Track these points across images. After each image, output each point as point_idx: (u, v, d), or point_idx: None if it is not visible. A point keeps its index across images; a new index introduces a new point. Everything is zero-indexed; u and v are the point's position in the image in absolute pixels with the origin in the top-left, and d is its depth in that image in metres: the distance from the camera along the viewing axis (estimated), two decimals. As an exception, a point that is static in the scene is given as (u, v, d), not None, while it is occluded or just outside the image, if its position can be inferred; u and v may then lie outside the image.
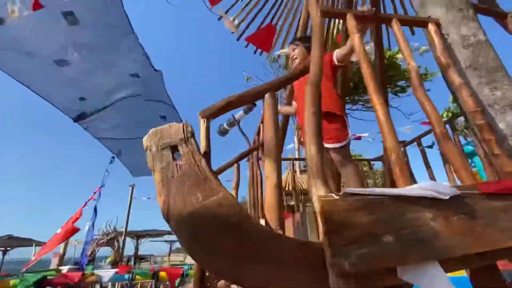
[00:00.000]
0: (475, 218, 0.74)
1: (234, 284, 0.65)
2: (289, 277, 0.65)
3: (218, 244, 0.63)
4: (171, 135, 0.76)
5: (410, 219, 0.69)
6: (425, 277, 0.65)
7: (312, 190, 0.75)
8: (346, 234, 0.64)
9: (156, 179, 0.71)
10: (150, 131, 0.77)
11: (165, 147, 0.74)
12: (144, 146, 0.76)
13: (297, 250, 0.68)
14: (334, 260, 0.61)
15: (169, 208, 0.67)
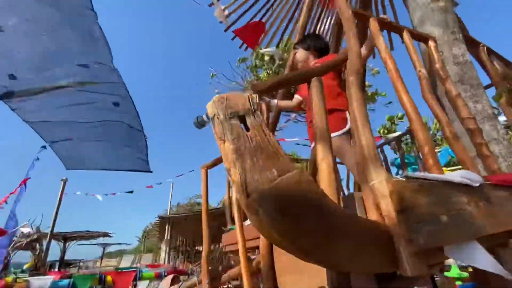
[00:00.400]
0: (492, 204, 0.86)
1: (316, 263, 0.61)
2: (368, 254, 0.65)
3: (303, 221, 0.59)
4: (238, 105, 0.69)
5: (455, 202, 0.77)
6: (468, 254, 0.73)
7: (371, 174, 0.76)
8: (415, 213, 0.68)
9: (226, 150, 0.63)
10: (215, 97, 0.68)
11: (233, 116, 0.66)
12: (210, 113, 0.68)
13: (369, 228, 0.68)
14: (409, 237, 0.64)
15: (247, 182, 0.60)
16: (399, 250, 0.65)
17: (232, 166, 0.62)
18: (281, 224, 0.58)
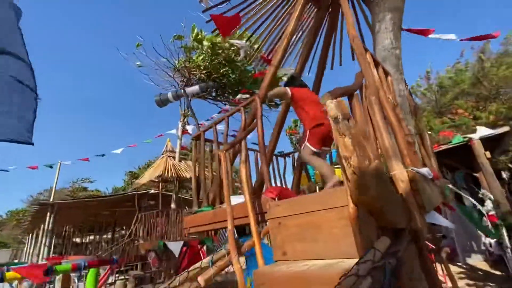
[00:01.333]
0: (433, 188, 1.45)
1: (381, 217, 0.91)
2: (399, 215, 1.04)
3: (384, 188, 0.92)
4: (344, 109, 0.93)
5: (429, 188, 1.29)
6: (432, 216, 1.25)
7: (394, 166, 1.16)
8: (424, 195, 1.13)
9: (347, 143, 0.87)
10: (334, 102, 0.90)
11: (347, 118, 0.91)
12: (332, 115, 0.89)
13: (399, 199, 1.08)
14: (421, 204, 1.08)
15: (360, 167, 0.86)
16: (413, 212, 1.08)
17: (352, 155, 0.87)
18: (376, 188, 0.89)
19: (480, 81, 10.81)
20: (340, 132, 0.89)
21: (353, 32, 1.62)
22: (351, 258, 1.27)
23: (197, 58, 7.76)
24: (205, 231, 2.61)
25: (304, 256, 1.47)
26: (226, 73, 7.81)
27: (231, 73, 7.86)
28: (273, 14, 3.09)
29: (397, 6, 2.04)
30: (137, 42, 7.46)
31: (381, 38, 2.09)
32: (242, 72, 7.66)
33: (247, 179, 1.66)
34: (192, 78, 8.22)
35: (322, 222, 1.44)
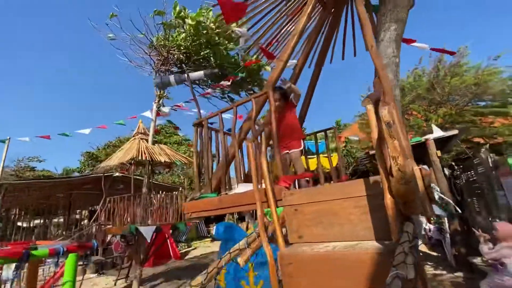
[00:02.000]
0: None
1: (404, 208, 1.11)
2: (416, 205, 1.26)
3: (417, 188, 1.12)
4: (394, 116, 1.09)
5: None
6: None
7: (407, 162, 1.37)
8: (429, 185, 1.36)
9: (395, 145, 1.04)
10: (387, 109, 1.05)
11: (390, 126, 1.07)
12: (386, 120, 1.04)
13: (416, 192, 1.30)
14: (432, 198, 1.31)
15: (404, 165, 1.04)
16: (425, 203, 1.31)
17: (400, 155, 1.04)
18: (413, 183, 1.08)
19: (434, 87, 12.14)
20: (391, 135, 1.05)
21: (371, 41, 1.78)
22: (367, 240, 1.49)
23: (177, 37, 7.37)
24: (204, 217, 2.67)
25: (321, 239, 1.66)
26: (207, 55, 7.58)
27: (212, 57, 7.65)
28: (277, 8, 3.13)
29: (402, 18, 2.25)
30: (111, 13, 6.80)
31: (384, 47, 2.30)
32: (224, 57, 7.49)
33: (268, 170, 1.77)
34: (170, 57, 7.82)
35: (338, 209, 1.63)
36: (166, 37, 7.25)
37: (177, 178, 21.70)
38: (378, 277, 1.11)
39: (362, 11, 1.88)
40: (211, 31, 6.77)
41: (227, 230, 5.87)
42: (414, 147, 7.33)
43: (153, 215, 7.11)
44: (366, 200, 1.52)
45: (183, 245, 14.06)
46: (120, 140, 18.87)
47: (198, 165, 2.59)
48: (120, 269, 7.50)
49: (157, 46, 7.42)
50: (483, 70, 11.54)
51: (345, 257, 1.32)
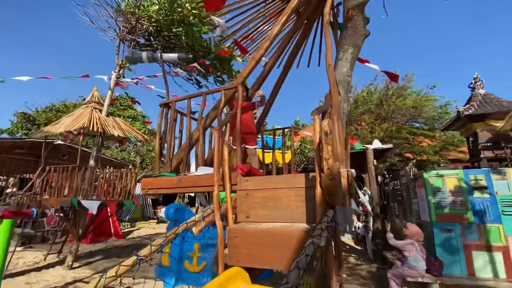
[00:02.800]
0: (353, 183, 2.16)
1: (331, 199, 1.45)
2: (339, 198, 1.64)
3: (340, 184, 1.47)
4: (330, 127, 1.42)
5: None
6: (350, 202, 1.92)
7: (340, 167, 1.74)
8: (351, 186, 1.75)
9: (328, 150, 1.36)
10: (328, 121, 1.37)
11: (327, 135, 1.39)
12: (325, 130, 1.35)
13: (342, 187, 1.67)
14: (352, 195, 1.70)
15: (333, 166, 1.37)
16: (346, 197, 1.70)
17: (330, 158, 1.38)
18: (337, 179, 1.43)
19: (382, 104, 13.66)
20: (327, 142, 1.37)
21: (329, 61, 2.12)
22: (300, 223, 1.85)
23: (149, 7, 7.00)
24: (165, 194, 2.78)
25: (265, 219, 1.98)
26: (179, 33, 7.36)
27: (184, 36, 7.45)
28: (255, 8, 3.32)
29: (358, 45, 2.66)
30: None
31: (340, 66, 2.69)
32: (196, 39, 7.37)
33: (228, 156, 2.01)
34: (138, 27, 7.39)
35: (283, 196, 1.97)
36: (137, 4, 6.83)
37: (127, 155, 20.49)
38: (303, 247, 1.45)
39: (327, 34, 2.21)
40: (186, 10, 6.59)
41: (177, 212, 5.97)
42: (356, 153, 8.30)
43: (98, 190, 6.78)
44: (304, 191, 1.87)
45: (126, 224, 13.55)
46: (65, 105, 16.98)
47: (160, 144, 2.69)
48: (53, 243, 7.01)
49: (125, 12, 6.94)
50: (421, 96, 13.39)
51: (281, 233, 1.64)
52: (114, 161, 12.26)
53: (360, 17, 2.56)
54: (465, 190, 5.87)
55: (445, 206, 5.90)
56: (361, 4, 2.54)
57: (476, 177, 5.77)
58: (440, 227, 5.80)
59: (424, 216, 6.21)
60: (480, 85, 9.26)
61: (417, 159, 13.70)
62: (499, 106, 8.51)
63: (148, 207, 16.89)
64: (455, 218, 5.75)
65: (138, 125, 17.16)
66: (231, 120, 2.39)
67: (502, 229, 5.14)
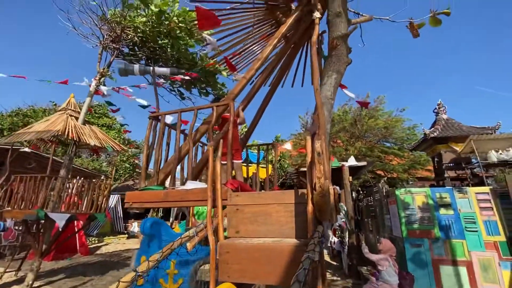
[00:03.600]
0: (337, 200, 2.29)
1: (321, 216, 1.55)
2: (328, 214, 1.75)
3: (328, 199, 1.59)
4: (322, 147, 1.54)
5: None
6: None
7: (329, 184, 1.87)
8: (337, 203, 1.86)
9: (320, 169, 1.47)
10: (320, 142, 1.49)
11: (322, 152, 1.51)
12: (318, 151, 1.47)
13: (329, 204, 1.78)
14: (338, 211, 1.82)
15: (324, 184, 1.48)
16: (333, 213, 1.81)
17: (322, 176, 1.49)
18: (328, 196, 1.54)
19: (356, 124, 14.45)
20: (319, 161, 1.48)
21: (316, 85, 2.30)
22: (289, 238, 1.92)
23: (135, 18, 6.99)
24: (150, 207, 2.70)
25: (254, 235, 2.03)
26: (164, 45, 7.39)
27: (169, 48, 7.50)
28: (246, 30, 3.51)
29: (341, 71, 2.89)
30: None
31: (325, 90, 2.89)
32: (182, 52, 7.44)
33: (221, 172, 2.06)
34: (123, 37, 7.32)
35: (272, 212, 2.04)
36: (123, 15, 6.80)
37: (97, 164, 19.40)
38: (294, 262, 1.52)
39: (314, 60, 2.40)
40: (174, 23, 6.68)
41: (154, 226, 5.73)
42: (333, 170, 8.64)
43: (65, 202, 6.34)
44: (294, 207, 1.96)
45: (93, 239, 12.65)
46: (34, 110, 15.90)
47: (147, 157, 2.67)
48: (11, 260, 6.37)
49: (110, 21, 6.86)
50: (392, 118, 14.39)
51: (272, 248, 1.70)
52: (85, 171, 11.59)
53: (343, 47, 2.81)
54: (432, 206, 6.31)
55: (414, 221, 6.28)
56: (345, 35, 2.80)
57: (441, 195, 6.25)
58: (410, 242, 6.14)
59: (396, 232, 6.55)
60: (443, 111, 10.18)
61: (388, 176, 14.50)
62: (459, 130, 9.40)
63: (119, 220, 15.97)
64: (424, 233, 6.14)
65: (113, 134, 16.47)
66: (224, 136, 2.44)
67: (465, 244, 5.56)
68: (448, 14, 3.88)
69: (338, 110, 16.17)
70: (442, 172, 9.32)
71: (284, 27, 3.00)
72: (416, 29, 4.00)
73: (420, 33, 4.05)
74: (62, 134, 5.89)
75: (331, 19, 2.84)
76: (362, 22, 3.17)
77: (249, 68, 2.91)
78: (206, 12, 3.07)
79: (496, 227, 5.39)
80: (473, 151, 7.89)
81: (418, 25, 3.96)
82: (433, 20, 3.77)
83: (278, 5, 3.41)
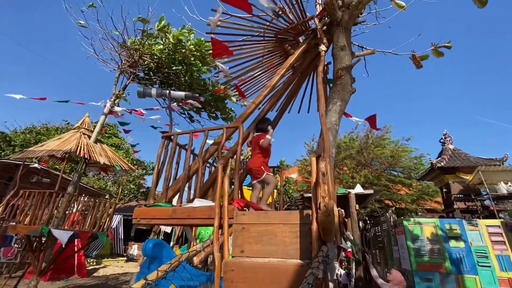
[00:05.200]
0: (341, 223, 2.31)
1: (325, 236, 1.57)
2: (332, 235, 1.78)
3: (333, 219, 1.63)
4: (327, 168, 1.62)
5: (342, 221, 2.11)
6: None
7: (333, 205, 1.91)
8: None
9: (325, 189, 1.54)
10: (325, 163, 1.57)
11: (327, 173, 1.59)
12: (323, 171, 1.55)
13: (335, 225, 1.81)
14: (343, 233, 1.84)
15: (329, 203, 1.54)
16: (338, 235, 1.84)
17: (327, 196, 1.55)
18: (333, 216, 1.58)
19: (363, 151, 14.45)
20: (324, 181, 1.56)
21: (322, 111, 2.43)
22: (294, 259, 1.93)
23: (153, 46, 7.51)
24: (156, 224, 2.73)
25: (259, 255, 2.04)
26: (178, 71, 7.83)
27: (183, 74, 7.93)
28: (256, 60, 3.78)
29: (346, 99, 3.05)
30: (91, 2, 6.64)
31: (330, 115, 3.03)
32: (195, 78, 7.85)
33: (227, 190, 2.13)
34: (140, 63, 7.82)
35: (278, 232, 2.07)
36: (142, 43, 7.32)
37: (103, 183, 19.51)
38: (299, 281, 1.52)
39: (320, 88, 2.56)
40: (188, 51, 7.15)
41: (156, 248, 5.65)
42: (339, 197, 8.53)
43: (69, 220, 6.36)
44: (299, 227, 1.99)
45: (92, 260, 12.36)
46: (46, 128, 16.48)
47: (157, 174, 2.77)
48: (8, 278, 6.26)
49: (130, 48, 7.39)
50: (398, 146, 14.38)
51: (277, 267, 1.71)
52: (90, 189, 11.68)
53: (347, 77, 2.99)
54: (442, 238, 6.09)
55: (424, 254, 6.04)
56: (349, 66, 3.00)
57: (451, 226, 6.07)
58: (420, 276, 5.85)
59: (405, 264, 6.27)
60: (449, 141, 10.18)
61: (396, 206, 14.12)
62: (467, 161, 9.31)
63: (119, 242, 15.66)
64: (434, 267, 5.86)
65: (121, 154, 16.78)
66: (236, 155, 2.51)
67: (478, 280, 5.27)
68: (449, 47, 4.10)
69: (345, 137, 16.28)
70: (451, 203, 9.09)
71: (292, 58, 3.23)
72: (418, 61, 4.20)
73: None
74: (74, 152, 6.09)
75: (336, 51, 3.05)
76: (366, 55, 3.38)
77: (258, 94, 3.09)
78: (220, 43, 3.34)
79: (510, 263, 5.15)
80: (482, 182, 7.76)
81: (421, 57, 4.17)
82: (435, 52, 3.98)
83: (287, 38, 3.69)
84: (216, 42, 3.30)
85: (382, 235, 8.56)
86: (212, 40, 3.25)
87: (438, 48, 4.19)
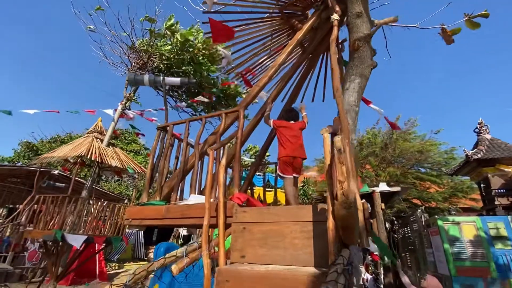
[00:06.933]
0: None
1: (346, 233, 1.17)
2: (355, 235, 1.35)
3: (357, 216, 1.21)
4: (345, 144, 1.21)
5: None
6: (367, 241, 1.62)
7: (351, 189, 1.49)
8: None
9: (343, 170, 1.13)
10: (340, 137, 1.16)
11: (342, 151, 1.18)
12: (338, 146, 1.15)
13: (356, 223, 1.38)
14: (369, 232, 1.41)
15: (348, 190, 1.13)
16: (363, 234, 1.41)
17: (346, 180, 1.14)
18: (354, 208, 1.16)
19: (387, 147, 13.52)
20: (340, 160, 1.15)
21: (337, 85, 2.01)
22: (306, 266, 1.51)
23: (162, 46, 7.40)
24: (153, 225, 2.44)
25: (263, 261, 1.64)
26: (188, 71, 7.66)
27: (192, 74, 7.75)
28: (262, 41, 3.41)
29: (365, 74, 2.59)
30: (98, 5, 6.65)
31: (348, 95, 2.58)
32: (204, 77, 7.65)
33: (224, 182, 1.76)
34: (149, 64, 7.74)
35: (287, 232, 1.66)
36: (150, 44, 7.24)
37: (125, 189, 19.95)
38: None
39: (334, 58, 2.14)
40: (197, 50, 6.95)
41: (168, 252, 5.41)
42: (363, 196, 7.87)
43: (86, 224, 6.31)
44: (312, 225, 1.58)
45: (113, 265, 12.49)
46: (70, 136, 17.15)
47: (151, 168, 2.47)
48: (29, 283, 6.31)
49: (138, 49, 7.33)
50: (426, 141, 13.30)
51: (283, 277, 1.31)
52: (110, 194, 11.83)
53: (366, 48, 2.54)
54: (484, 239, 5.33)
55: (465, 258, 5.30)
56: (367, 36, 2.54)
57: (496, 225, 5.29)
58: (461, 282, 5.13)
59: (442, 269, 5.55)
60: (485, 130, 9.18)
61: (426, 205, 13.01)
62: (508, 151, 8.29)
63: (140, 246, 15.82)
64: (477, 271, 5.13)
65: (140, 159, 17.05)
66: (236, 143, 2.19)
67: (533, 287, 4.51)
68: (487, 16, 3.51)
69: (367, 133, 15.36)
70: (492, 199, 8.08)
71: (300, 33, 2.83)
72: (449, 35, 3.64)
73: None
74: (85, 155, 6.04)
75: (352, 20, 2.61)
76: (387, 24, 2.90)
77: (262, 76, 2.72)
78: (219, 24, 3.02)
79: None
80: (529, 174, 6.80)
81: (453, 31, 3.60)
82: (470, 24, 3.40)
83: (294, 13, 3.29)
84: (214, 23, 2.98)
85: (412, 237, 7.79)
86: (210, 21, 2.93)
87: (472, 18, 3.60)
